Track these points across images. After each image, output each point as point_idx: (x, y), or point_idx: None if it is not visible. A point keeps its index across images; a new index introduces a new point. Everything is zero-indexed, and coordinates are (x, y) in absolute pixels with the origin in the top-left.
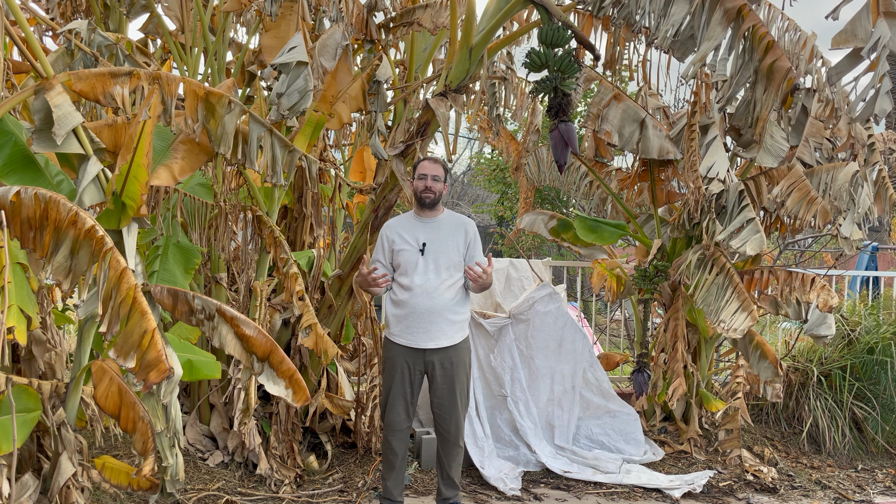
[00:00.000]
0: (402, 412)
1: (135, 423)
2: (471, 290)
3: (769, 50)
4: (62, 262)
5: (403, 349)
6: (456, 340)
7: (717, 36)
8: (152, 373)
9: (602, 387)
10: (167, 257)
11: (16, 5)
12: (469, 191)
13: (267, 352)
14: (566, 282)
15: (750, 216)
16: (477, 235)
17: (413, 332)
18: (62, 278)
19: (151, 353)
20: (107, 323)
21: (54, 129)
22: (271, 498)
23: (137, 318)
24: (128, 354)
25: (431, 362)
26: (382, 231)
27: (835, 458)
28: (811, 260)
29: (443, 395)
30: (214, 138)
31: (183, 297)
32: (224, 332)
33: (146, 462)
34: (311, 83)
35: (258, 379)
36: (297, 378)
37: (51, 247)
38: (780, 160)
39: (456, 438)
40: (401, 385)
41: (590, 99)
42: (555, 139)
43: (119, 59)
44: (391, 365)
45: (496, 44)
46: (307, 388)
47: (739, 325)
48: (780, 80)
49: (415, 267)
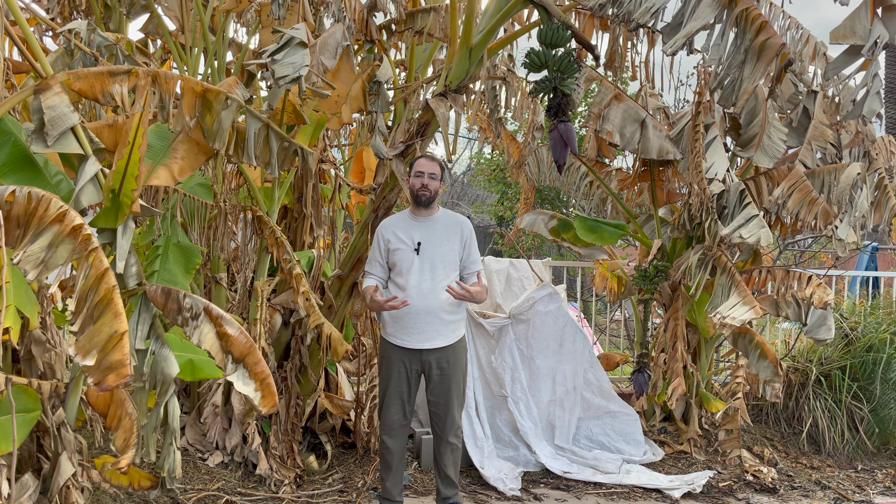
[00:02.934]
0: (399, 412)
1: (119, 420)
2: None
3: (762, 30)
4: (35, 252)
5: (399, 349)
6: (452, 340)
7: (706, 16)
8: (111, 375)
9: (602, 387)
10: (167, 257)
11: (16, 5)
12: (469, 191)
13: (244, 353)
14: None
15: (753, 213)
16: (473, 233)
17: (409, 333)
18: (30, 268)
19: (115, 356)
20: (80, 322)
21: (46, 130)
22: (271, 498)
23: (108, 319)
24: (88, 353)
25: (428, 362)
26: (378, 230)
27: (834, 459)
28: (811, 260)
29: (439, 394)
30: (209, 133)
31: (174, 296)
32: (205, 330)
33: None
34: (306, 60)
35: (229, 378)
36: (268, 382)
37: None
38: (775, 161)
39: (452, 438)
40: (397, 385)
41: (590, 99)
42: (554, 139)
43: (119, 60)
44: (387, 364)
45: (496, 44)
46: (276, 395)
47: (739, 315)
48: (772, 56)
49: (410, 267)
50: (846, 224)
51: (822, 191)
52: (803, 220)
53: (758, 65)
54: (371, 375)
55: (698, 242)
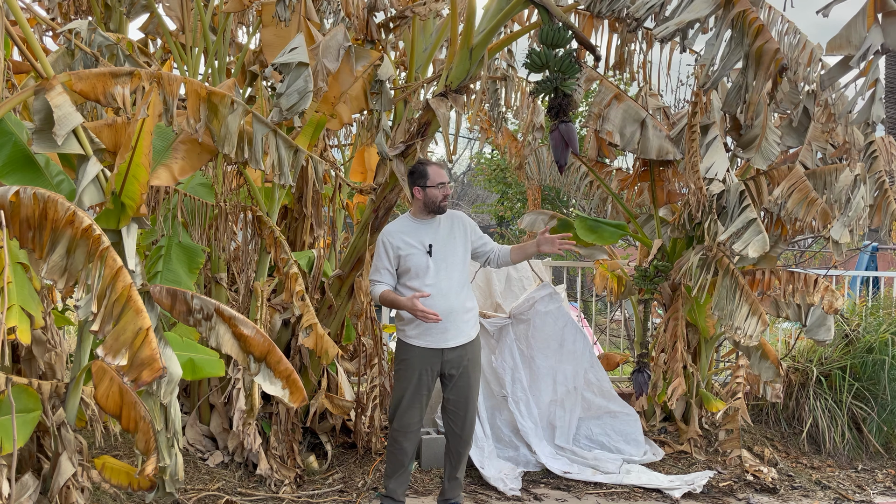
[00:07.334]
0: (417, 414)
1: (136, 422)
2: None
3: (759, 34)
4: (57, 262)
5: (422, 350)
6: (472, 336)
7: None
8: (145, 371)
9: (603, 387)
10: (170, 257)
11: (16, 5)
12: (469, 191)
13: (264, 352)
14: (566, 282)
15: (751, 216)
16: (471, 222)
17: (432, 334)
18: (57, 278)
19: (145, 352)
20: (99, 321)
21: (55, 130)
22: (271, 498)
23: (131, 317)
24: (118, 352)
25: (450, 361)
26: (383, 238)
27: (835, 459)
28: (811, 260)
29: (459, 392)
30: (218, 138)
31: (181, 297)
32: (221, 332)
33: (149, 461)
34: (310, 84)
35: (255, 379)
36: (294, 378)
37: (48, 246)
38: (770, 162)
39: (469, 436)
40: (417, 387)
41: (591, 99)
42: (555, 140)
43: (119, 60)
44: (407, 367)
45: (497, 44)
46: (304, 389)
47: (753, 332)
48: (769, 62)
49: (426, 269)
50: (840, 225)
51: (822, 191)
52: (803, 221)
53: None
54: (371, 376)
55: (698, 243)
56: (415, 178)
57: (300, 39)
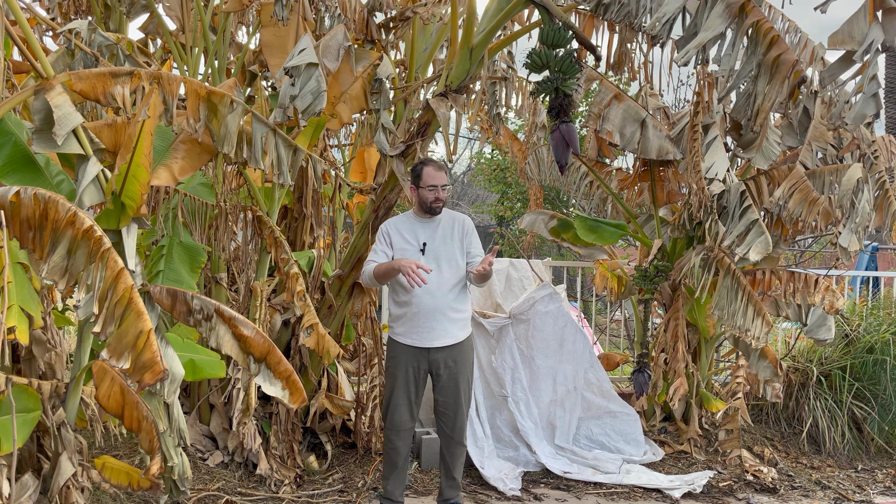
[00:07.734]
0: (407, 412)
1: (139, 422)
2: (473, 283)
3: (774, 44)
4: (58, 262)
5: (408, 349)
6: (460, 338)
7: (717, 26)
8: (147, 374)
9: (603, 387)
10: (172, 257)
11: (16, 5)
12: (469, 191)
13: (264, 352)
14: (566, 282)
15: (753, 218)
16: (473, 228)
17: (418, 332)
18: (57, 278)
19: (146, 354)
20: (101, 323)
21: (55, 130)
22: (271, 498)
23: (133, 319)
24: (121, 355)
25: (436, 361)
26: (383, 227)
27: (835, 459)
28: (811, 260)
29: (447, 393)
30: (217, 138)
31: (182, 298)
32: (221, 332)
33: (154, 461)
34: (323, 84)
35: (255, 380)
36: (293, 379)
37: (48, 247)
38: (770, 162)
39: (460, 437)
40: (405, 385)
41: (591, 99)
42: (556, 140)
43: (119, 59)
44: (395, 365)
45: (497, 44)
46: (304, 390)
47: (759, 333)
48: (787, 73)
49: None
50: (848, 230)
51: (823, 191)
52: (804, 221)
53: (773, 82)
54: (371, 375)
55: (699, 243)
56: (412, 177)
57: (307, 41)
